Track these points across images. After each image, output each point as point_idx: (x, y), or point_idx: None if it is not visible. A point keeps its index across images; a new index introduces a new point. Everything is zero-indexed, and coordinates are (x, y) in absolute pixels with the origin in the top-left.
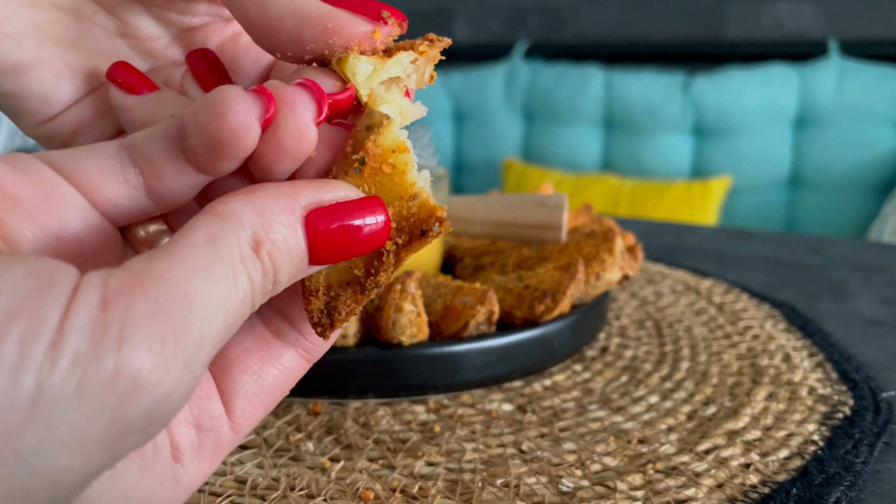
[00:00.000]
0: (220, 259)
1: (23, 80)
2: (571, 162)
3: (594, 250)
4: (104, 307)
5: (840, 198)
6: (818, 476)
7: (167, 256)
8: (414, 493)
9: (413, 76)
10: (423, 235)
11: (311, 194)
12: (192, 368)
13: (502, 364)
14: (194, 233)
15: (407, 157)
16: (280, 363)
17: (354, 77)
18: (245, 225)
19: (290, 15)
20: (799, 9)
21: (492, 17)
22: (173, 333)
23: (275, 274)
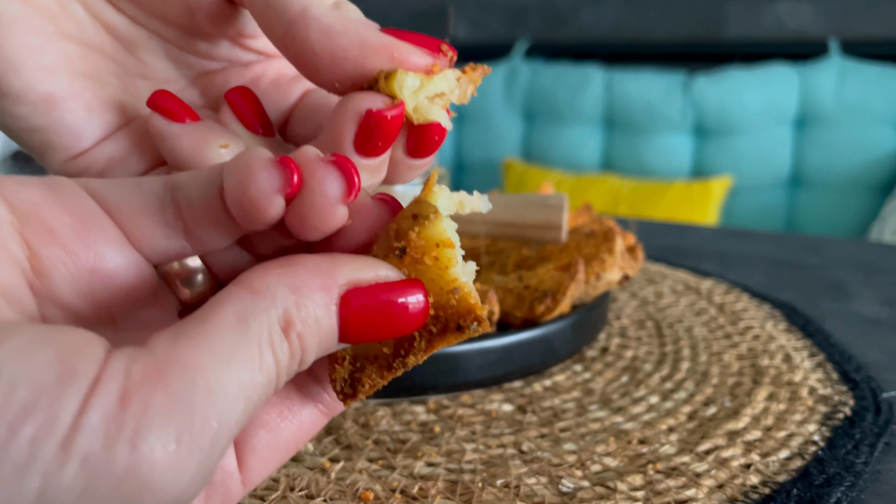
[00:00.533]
0: (247, 342)
1: (54, 112)
2: (571, 162)
3: (594, 250)
4: (122, 402)
5: (841, 198)
6: (819, 476)
7: (193, 339)
8: (414, 493)
9: (456, 91)
10: (458, 330)
11: (350, 273)
12: (207, 465)
13: (502, 364)
14: (224, 310)
15: (452, 252)
16: (298, 418)
17: (402, 91)
18: (278, 303)
19: (355, 45)
20: (799, 8)
21: (492, 16)
22: (190, 429)
23: (302, 355)
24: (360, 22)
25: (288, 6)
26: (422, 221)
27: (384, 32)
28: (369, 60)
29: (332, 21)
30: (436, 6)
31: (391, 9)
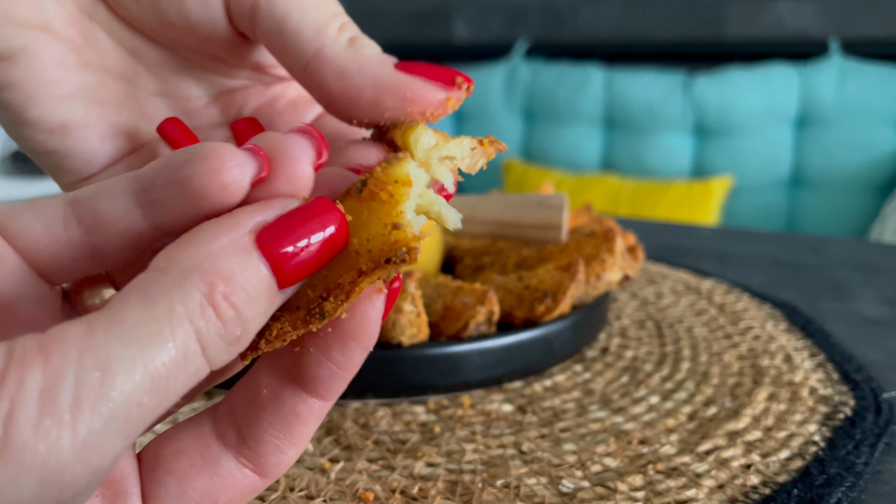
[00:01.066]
0: (154, 318)
1: (68, 139)
2: (572, 162)
3: (594, 250)
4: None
5: (841, 198)
6: (819, 477)
7: (88, 322)
8: (414, 493)
9: (467, 160)
10: (387, 263)
11: (253, 217)
12: (98, 445)
13: (502, 365)
14: (128, 293)
15: (408, 191)
16: (215, 471)
17: (416, 145)
18: (190, 274)
19: (370, 85)
20: (800, 8)
21: (492, 16)
22: (72, 408)
23: (238, 314)
24: (375, 60)
25: (303, 47)
26: (391, 160)
27: (399, 69)
28: (384, 100)
29: (346, 62)
30: (436, 6)
31: (391, 8)
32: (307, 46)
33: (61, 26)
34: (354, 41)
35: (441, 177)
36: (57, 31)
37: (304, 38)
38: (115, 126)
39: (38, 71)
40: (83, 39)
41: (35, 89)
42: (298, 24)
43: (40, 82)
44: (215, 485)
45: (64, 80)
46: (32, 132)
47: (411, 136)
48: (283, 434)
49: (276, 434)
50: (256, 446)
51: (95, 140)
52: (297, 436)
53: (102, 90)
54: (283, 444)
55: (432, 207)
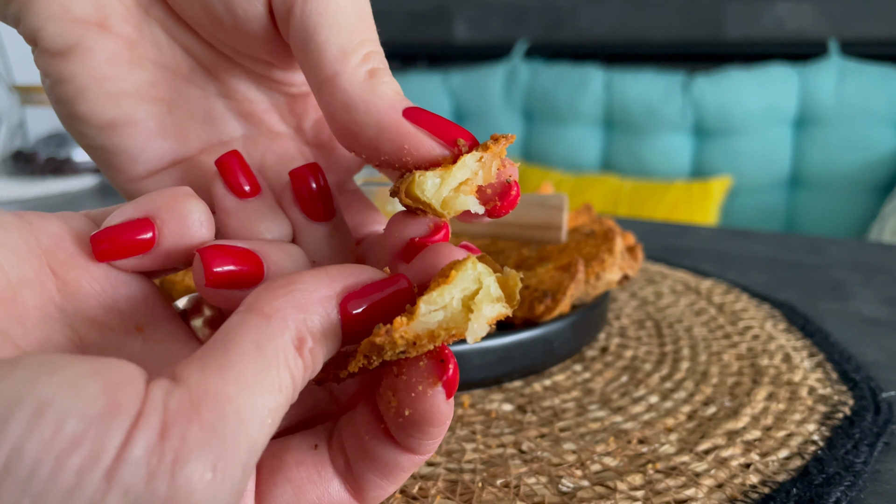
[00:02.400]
0: (267, 367)
1: (115, 136)
2: (571, 162)
3: (594, 250)
4: (162, 435)
5: (840, 198)
6: (818, 476)
7: (219, 370)
8: (414, 493)
9: (480, 173)
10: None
11: (345, 279)
12: (238, 490)
13: (502, 364)
14: (242, 338)
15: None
16: (326, 490)
17: (424, 193)
18: (290, 325)
19: (372, 125)
20: (799, 9)
21: (492, 17)
22: (224, 458)
23: (315, 363)
24: (386, 101)
25: (323, 67)
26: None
27: (406, 116)
28: (382, 144)
29: (356, 95)
30: (436, 6)
31: (392, 8)
32: (326, 67)
33: (117, 22)
34: (374, 74)
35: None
36: (112, 26)
37: (326, 58)
38: (165, 126)
39: (89, 66)
40: (139, 35)
41: (85, 85)
42: (325, 41)
43: (91, 78)
44: (325, 500)
45: (114, 77)
46: (83, 127)
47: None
48: (383, 477)
49: (378, 475)
50: (360, 480)
51: (142, 139)
52: (397, 479)
53: (155, 88)
54: (384, 483)
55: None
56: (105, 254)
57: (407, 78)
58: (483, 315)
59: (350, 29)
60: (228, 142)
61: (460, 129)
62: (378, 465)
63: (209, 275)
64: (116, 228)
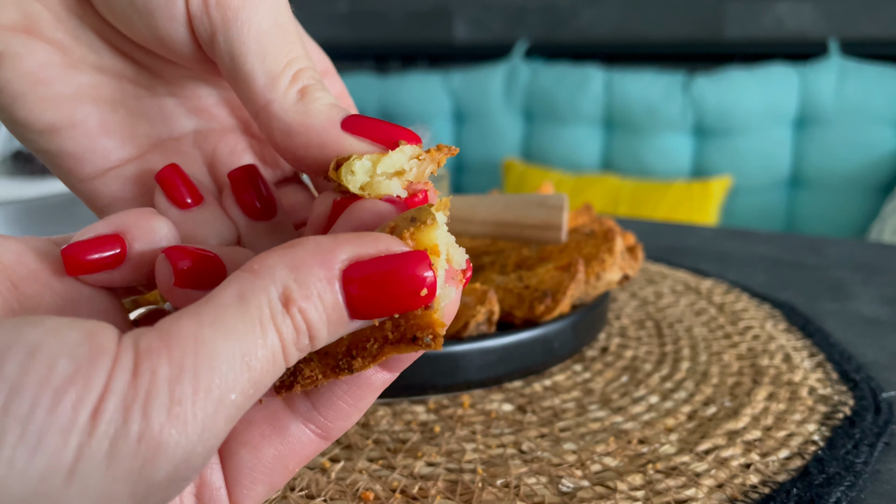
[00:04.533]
0: (248, 316)
1: (56, 140)
2: (571, 162)
3: (594, 250)
4: (135, 372)
5: (840, 198)
6: (818, 476)
7: (196, 315)
8: (414, 493)
9: (414, 170)
10: (413, 341)
11: (352, 248)
12: (212, 428)
13: (502, 364)
14: (225, 290)
15: (436, 261)
16: (285, 438)
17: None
18: (277, 280)
19: (313, 146)
20: (799, 8)
21: (492, 17)
22: (193, 395)
23: (309, 330)
24: (322, 118)
25: (254, 97)
26: (418, 224)
27: (345, 127)
28: (327, 159)
29: (291, 120)
30: (436, 6)
31: (391, 9)
32: (258, 98)
33: (47, 28)
34: (305, 93)
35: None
36: (42, 32)
37: (255, 87)
38: (108, 125)
39: (20, 72)
40: (73, 41)
41: (19, 90)
42: (251, 71)
43: (24, 83)
44: (285, 451)
45: (49, 81)
46: (24, 132)
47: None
48: (353, 401)
49: (348, 401)
50: (328, 413)
51: (85, 140)
52: (364, 402)
53: (95, 89)
54: (352, 411)
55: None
56: (75, 268)
57: (407, 78)
58: None
59: (275, 53)
60: (179, 137)
61: (401, 129)
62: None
63: (177, 273)
64: (87, 243)
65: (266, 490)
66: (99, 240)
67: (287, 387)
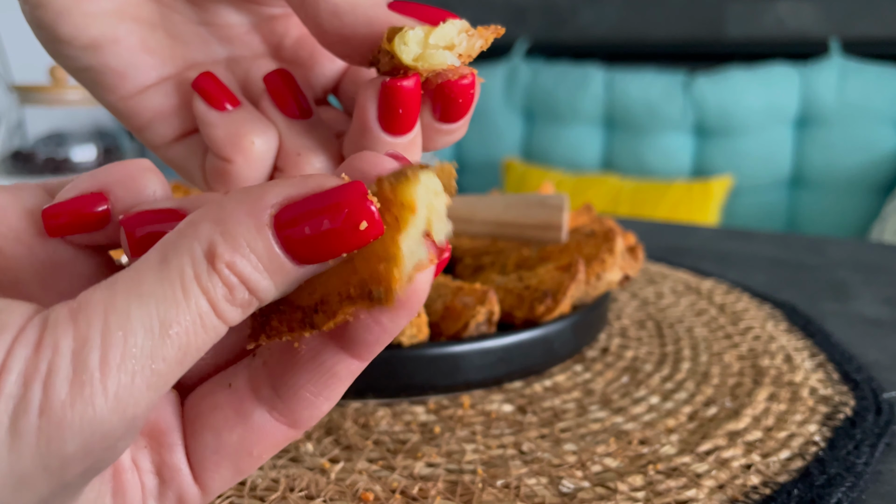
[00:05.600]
0: (167, 280)
1: (100, 55)
2: (572, 162)
3: (595, 250)
4: (37, 346)
5: (841, 198)
6: (819, 477)
7: (111, 284)
8: (414, 494)
9: (464, 44)
10: (369, 297)
11: (281, 191)
12: (129, 398)
13: (502, 365)
14: (149, 255)
15: (411, 218)
16: (248, 425)
17: (400, 47)
18: (201, 237)
19: (362, 24)
20: (800, 8)
21: (492, 16)
22: (101, 366)
23: (246, 284)
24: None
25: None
26: (401, 177)
27: (391, 8)
28: (376, 39)
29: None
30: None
31: None
32: None
33: None
34: None
35: (441, 60)
36: None
37: None
38: (148, 43)
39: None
40: None
41: (63, 6)
42: None
43: None
44: (249, 437)
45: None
46: (66, 49)
47: (395, 41)
48: (318, 391)
49: (312, 390)
50: (290, 401)
51: (127, 56)
52: (332, 392)
53: (135, 8)
54: (318, 400)
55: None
56: (56, 229)
57: None
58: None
59: None
60: (213, 63)
61: (447, 12)
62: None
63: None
64: (68, 203)
65: (232, 474)
66: (81, 199)
67: (254, 337)
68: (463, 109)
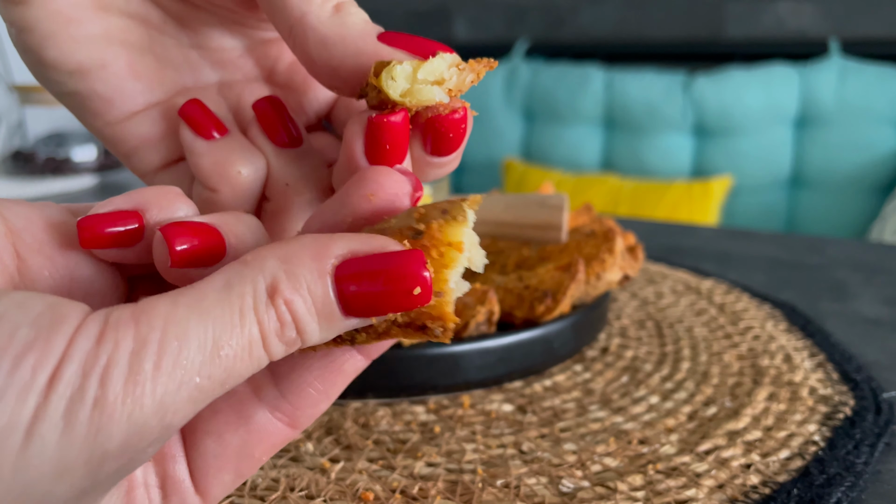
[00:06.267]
0: (228, 303)
1: (87, 80)
2: (572, 162)
3: (595, 250)
4: (98, 341)
5: (841, 198)
6: (819, 477)
7: (175, 296)
8: (414, 493)
9: (454, 78)
10: (422, 329)
11: (347, 244)
12: (171, 406)
13: (502, 364)
14: (214, 278)
15: (458, 256)
16: (250, 427)
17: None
18: (266, 271)
19: (351, 56)
20: (800, 8)
21: (492, 16)
22: (154, 371)
23: (296, 324)
24: (358, 30)
25: (289, 11)
26: (448, 218)
27: (381, 40)
28: (364, 71)
29: (328, 31)
30: (436, 6)
31: (391, 8)
32: (292, 10)
33: None
34: (340, 7)
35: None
36: None
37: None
38: (137, 68)
39: (52, 12)
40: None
41: (50, 31)
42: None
43: (55, 23)
44: (251, 440)
45: (80, 21)
46: (52, 73)
47: (382, 76)
48: (324, 388)
49: (318, 388)
50: (296, 399)
51: (115, 81)
52: (336, 389)
53: (123, 33)
54: (321, 398)
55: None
56: (90, 241)
57: None
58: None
59: None
60: (204, 87)
61: (438, 43)
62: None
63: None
64: (104, 216)
65: (233, 478)
66: (117, 214)
67: None
68: (454, 144)
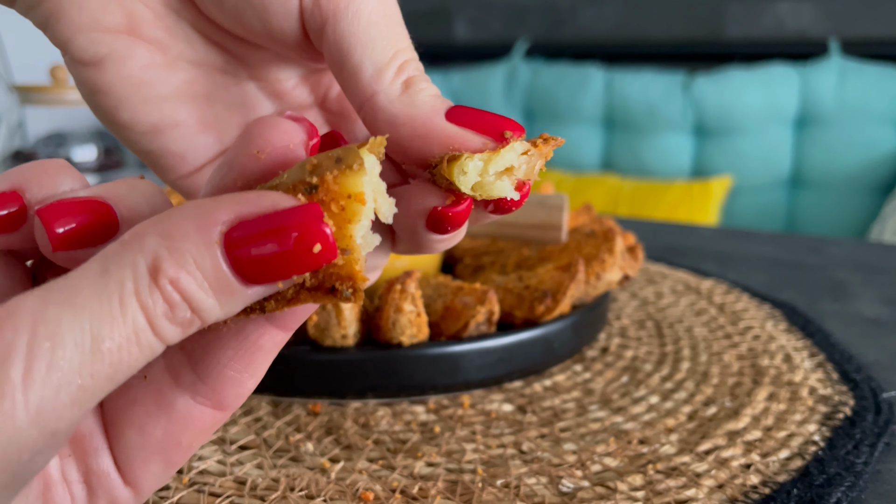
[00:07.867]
0: (105, 293)
1: (160, 140)
2: (572, 162)
3: (594, 250)
4: None
5: (841, 198)
6: (819, 476)
7: (45, 292)
8: (414, 493)
9: (523, 167)
10: (331, 292)
11: (233, 208)
12: (52, 413)
13: (502, 364)
14: (89, 265)
15: (360, 208)
16: (172, 415)
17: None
18: (146, 250)
19: (419, 137)
20: (799, 8)
21: (492, 16)
22: (24, 378)
23: (189, 303)
24: (426, 108)
25: (360, 88)
26: (343, 167)
27: (449, 118)
28: (432, 151)
29: (397, 111)
30: (436, 6)
31: None
32: (364, 89)
33: (148, 28)
34: (410, 84)
35: (499, 192)
36: (143, 33)
37: (362, 79)
38: (206, 121)
39: (124, 75)
40: (170, 37)
41: (123, 94)
42: (359, 62)
43: (128, 86)
44: (175, 428)
45: (151, 82)
46: (127, 133)
47: (455, 168)
48: (243, 367)
49: (237, 368)
50: (215, 383)
51: (186, 140)
52: (257, 367)
53: (191, 86)
54: (243, 377)
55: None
56: None
57: None
58: None
59: (383, 44)
60: None
61: (506, 120)
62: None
63: (53, 238)
64: None
65: (163, 468)
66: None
67: None
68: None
